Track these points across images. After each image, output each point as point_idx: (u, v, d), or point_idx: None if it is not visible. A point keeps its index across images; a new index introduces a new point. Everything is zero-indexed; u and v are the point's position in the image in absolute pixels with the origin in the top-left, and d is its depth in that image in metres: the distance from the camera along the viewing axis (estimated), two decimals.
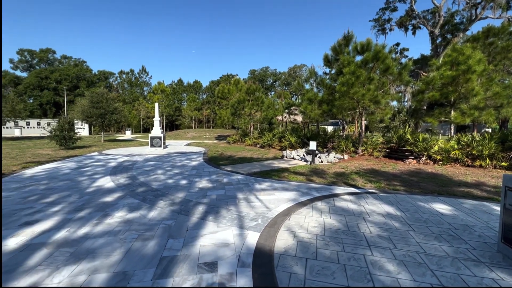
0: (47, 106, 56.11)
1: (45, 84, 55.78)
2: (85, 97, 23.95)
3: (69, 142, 15.38)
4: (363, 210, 4.49)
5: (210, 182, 6.62)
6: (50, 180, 6.58)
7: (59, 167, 8.66)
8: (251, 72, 76.37)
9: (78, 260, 2.77)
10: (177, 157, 11.90)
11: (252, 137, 20.02)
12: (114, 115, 23.19)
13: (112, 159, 10.93)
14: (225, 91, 24.02)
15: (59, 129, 15.22)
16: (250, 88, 21.56)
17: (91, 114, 22.08)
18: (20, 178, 6.87)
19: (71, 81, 57.69)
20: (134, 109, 57.34)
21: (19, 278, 2.45)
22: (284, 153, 12.20)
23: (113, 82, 69.65)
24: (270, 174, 7.73)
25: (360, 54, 11.94)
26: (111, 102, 23.44)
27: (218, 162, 10.44)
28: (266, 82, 74.69)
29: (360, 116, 12.37)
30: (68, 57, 66.03)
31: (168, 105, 58.02)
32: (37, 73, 55.92)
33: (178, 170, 8.34)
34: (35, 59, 62.08)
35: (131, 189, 5.82)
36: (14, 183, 6.26)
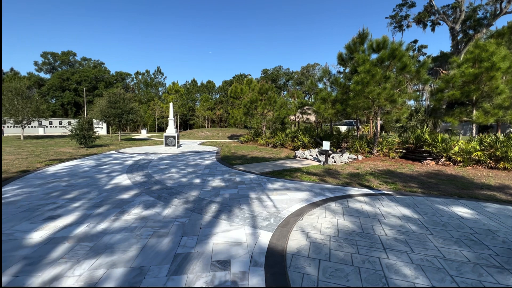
0: (68, 106, 58.55)
1: (66, 85, 58.23)
2: (103, 98, 24.81)
3: (88, 141, 15.99)
4: (378, 212, 4.38)
5: (223, 181, 6.68)
6: (71, 177, 6.87)
7: (79, 165, 9.03)
8: (264, 71, 76.33)
9: (97, 254, 2.88)
10: (190, 156, 12.10)
11: (265, 136, 20.00)
12: (131, 115, 23.84)
13: (129, 158, 11.26)
14: (237, 91, 24.14)
15: (79, 128, 15.85)
16: (263, 87, 21.53)
17: (109, 114, 22.82)
18: (44, 175, 7.22)
19: (90, 82, 59.91)
20: (149, 109, 58.77)
21: (43, 270, 2.58)
22: (297, 153, 12.10)
23: (130, 83, 71.73)
24: (282, 174, 7.69)
25: (376, 52, 11.65)
26: (127, 102, 24.12)
27: (230, 161, 10.51)
28: (279, 82, 74.39)
29: (375, 116, 12.07)
30: (87, 59, 68.65)
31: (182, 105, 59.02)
32: (59, 74, 58.49)
33: (191, 169, 8.47)
34: (57, 62, 64.97)
35: (146, 187, 5.98)
36: (38, 179, 6.59)
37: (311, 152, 11.82)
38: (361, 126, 17.53)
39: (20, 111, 22.95)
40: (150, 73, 71.90)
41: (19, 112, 22.96)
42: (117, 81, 67.71)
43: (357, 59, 11.44)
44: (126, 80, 71.37)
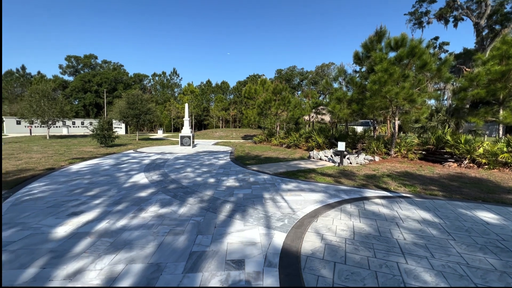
0: (89, 107, 61.16)
1: (88, 87, 60.87)
2: (122, 99, 25.69)
3: (108, 141, 16.63)
4: (396, 215, 4.25)
5: (237, 181, 6.72)
6: (93, 175, 7.17)
7: (99, 163, 9.41)
8: (278, 71, 76.09)
9: (117, 250, 2.99)
10: (205, 156, 12.28)
11: (278, 137, 19.93)
12: (148, 115, 24.54)
13: (146, 157, 11.60)
14: (251, 91, 24.22)
15: (100, 128, 16.51)
16: (277, 88, 21.47)
17: (127, 114, 23.62)
18: (67, 172, 7.58)
19: (110, 83, 62.29)
20: (165, 109, 60.17)
21: (67, 263, 2.71)
22: (311, 153, 11.96)
23: (147, 84, 73.85)
24: (296, 174, 7.63)
25: (394, 50, 11.29)
26: (145, 103, 24.86)
27: (244, 161, 10.56)
28: (293, 82, 73.88)
29: (393, 116, 11.71)
30: (107, 61, 71.41)
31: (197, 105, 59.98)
32: (82, 77, 61.25)
33: (206, 169, 8.59)
34: (80, 64, 68.07)
35: (163, 185, 6.13)
36: (62, 177, 6.93)
37: (325, 152, 11.64)
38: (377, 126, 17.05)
39: (46, 112, 24.24)
40: (166, 74, 73.63)
41: (45, 113, 24.25)
42: (135, 82, 69.95)
43: (374, 57, 11.14)
44: (144, 82, 73.55)
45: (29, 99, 24.26)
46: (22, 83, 58.06)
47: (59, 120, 26.11)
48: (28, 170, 7.91)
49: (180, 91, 71.29)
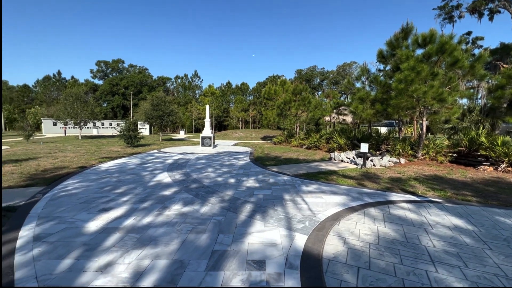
0: (117, 109, 64.52)
1: (116, 90, 64.25)
2: (147, 101, 26.86)
3: (134, 141, 17.43)
4: (425, 220, 4.03)
5: (257, 181, 6.74)
6: (120, 174, 7.55)
7: (126, 162, 9.88)
8: (298, 72, 75.34)
9: (143, 245, 3.12)
10: (225, 157, 12.45)
11: (298, 138, 19.72)
12: (171, 117, 25.40)
13: (169, 157, 12.00)
14: (271, 92, 24.20)
15: (126, 129, 17.36)
16: (297, 88, 21.26)
17: (152, 116, 24.61)
18: (98, 171, 8.05)
19: (136, 86, 65.29)
20: (187, 110, 61.91)
21: (99, 256, 2.88)
22: (332, 155, 11.70)
23: (170, 87, 76.47)
24: (317, 176, 7.51)
25: (422, 47, 10.74)
26: (168, 104, 25.76)
27: (264, 162, 10.57)
28: (313, 82, 72.78)
29: (420, 116, 11.14)
30: (133, 65, 74.97)
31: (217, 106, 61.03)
32: (110, 80, 64.80)
33: (226, 169, 8.71)
34: (108, 69, 72.09)
35: (185, 185, 6.30)
36: (93, 175, 7.37)
37: (347, 154, 11.33)
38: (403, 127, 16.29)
39: (78, 114, 25.98)
40: (188, 76, 75.77)
41: (78, 115, 25.98)
42: (159, 85, 72.71)
43: (399, 55, 10.67)
44: (167, 84, 76.23)
45: (64, 102, 26.12)
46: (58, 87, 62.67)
47: (90, 122, 27.83)
48: (63, 168, 8.51)
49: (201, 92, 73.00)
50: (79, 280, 2.45)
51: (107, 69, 72.32)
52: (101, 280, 2.45)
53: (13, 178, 6.72)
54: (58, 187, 5.90)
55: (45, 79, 63.84)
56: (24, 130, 20.53)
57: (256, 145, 20.24)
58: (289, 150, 15.83)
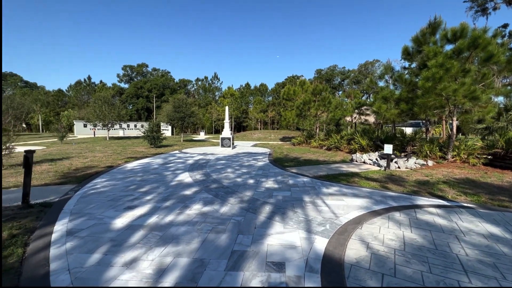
0: (141, 111, 67.37)
1: (140, 93, 67.15)
2: (169, 103, 27.78)
3: (157, 141, 18.09)
4: (456, 227, 3.78)
5: (276, 183, 6.72)
6: (144, 173, 7.87)
7: (150, 163, 10.28)
8: (317, 71, 74.15)
9: (166, 243, 3.22)
10: (244, 157, 12.53)
11: (318, 138, 19.39)
12: (192, 118, 26.10)
13: (190, 157, 12.31)
14: (290, 93, 24.03)
15: (150, 131, 18.07)
16: (316, 88, 20.93)
17: (174, 118, 25.44)
18: (123, 170, 8.45)
19: (159, 89, 67.81)
20: (207, 112, 63.16)
21: (125, 251, 3.01)
22: (354, 156, 11.36)
23: (191, 89, 78.50)
24: (338, 178, 7.33)
25: (451, 42, 10.11)
26: (189, 106, 26.49)
27: (283, 163, 10.52)
28: (334, 82, 71.25)
29: (450, 116, 10.48)
30: (157, 69, 77.95)
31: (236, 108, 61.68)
32: (135, 84, 67.89)
33: (245, 170, 8.77)
34: (133, 73, 75.57)
35: (205, 185, 6.43)
36: (119, 174, 7.75)
37: (370, 156, 10.94)
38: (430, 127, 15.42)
39: (106, 116, 27.44)
40: (208, 79, 77.30)
41: (106, 117, 27.44)
42: (180, 87, 74.96)
43: (426, 52, 10.13)
44: (188, 86, 78.33)
45: (93, 105, 27.75)
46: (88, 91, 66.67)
47: (116, 123, 29.31)
48: (92, 167, 9.03)
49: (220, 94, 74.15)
50: (107, 274, 2.57)
51: (132, 73, 75.83)
52: (127, 275, 2.56)
53: (49, 176, 7.24)
54: (88, 185, 6.27)
55: (76, 84, 68.25)
56: (58, 132, 22.05)
57: (275, 146, 20.19)
58: (309, 151, 15.63)
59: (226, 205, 4.78)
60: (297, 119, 23.23)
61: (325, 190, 5.95)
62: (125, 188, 5.95)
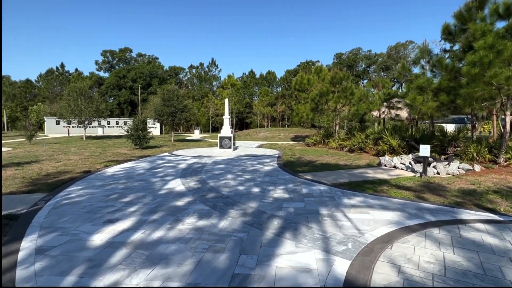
0: (124, 105, 68.26)
1: (123, 83, 68.02)
2: (157, 95, 28.05)
3: (142, 142, 18.29)
4: (510, 247, 3.72)
5: (286, 191, 6.73)
6: (127, 180, 7.96)
7: (134, 167, 10.39)
8: (337, 56, 73.92)
9: (153, 264, 3.25)
10: (248, 161, 12.56)
11: (338, 138, 19.33)
12: (184, 113, 26.32)
13: (182, 161, 12.39)
14: (303, 82, 23.98)
15: (134, 129, 18.28)
16: (336, 76, 20.86)
17: (163, 113, 25.68)
18: (103, 176, 8.56)
19: (145, 79, 68.58)
20: (203, 106, 63.53)
21: (105, 274, 3.05)
22: (382, 159, 11.30)
23: (183, 78, 79.20)
24: (362, 186, 7.31)
25: (504, 18, 9.98)
26: (181, 99, 26.72)
27: (295, 168, 10.52)
28: (357, 68, 70.96)
29: (502, 109, 10.32)
30: (142, 54, 78.84)
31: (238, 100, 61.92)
32: (116, 72, 68.83)
33: (249, 176, 8.79)
34: (115, 59, 76.57)
35: (201, 194, 6.47)
36: (98, 180, 7.85)
37: (402, 159, 10.86)
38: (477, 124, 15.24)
39: (83, 111, 27.87)
40: (204, 66, 77.83)
41: (82, 112, 27.88)
42: (170, 76, 75.67)
43: (472, 30, 10.01)
44: (180, 75, 79.05)
45: (67, 98, 28.19)
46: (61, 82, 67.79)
47: (94, 120, 29.73)
48: (66, 172, 9.17)
49: (219, 84, 74.56)
50: None
51: (114, 60, 76.83)
52: None
53: (15, 183, 7.38)
54: (61, 194, 6.37)
55: (48, 73, 69.40)
56: (26, 130, 22.46)
57: (285, 147, 20.18)
58: (326, 153, 15.61)
59: (226, 218, 4.80)
60: (312, 114, 23.17)
61: (346, 201, 5.93)
62: (105, 198, 6.03)
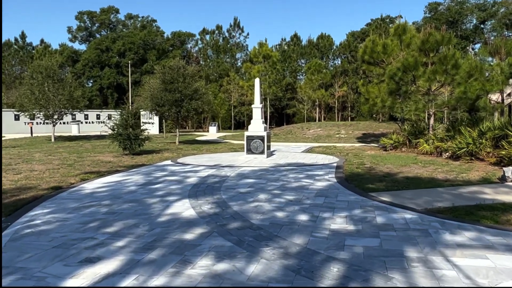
0: (108, 91, 71.40)
1: (106, 59, 71.19)
2: (155, 75, 28.75)
3: (134, 144, 18.93)
4: None
5: (351, 221, 6.62)
6: (113, 200, 8.29)
7: (123, 182, 10.81)
8: (431, 8, 71.54)
9: None
10: (290, 173, 12.55)
11: (433, 137, 18.74)
12: (194, 102, 26.50)
13: (191, 173, 12.65)
14: (376, 50, 23.54)
15: (122, 125, 18.99)
16: (429, 40, 20.19)
17: (163, 101, 26.09)
18: (79, 194, 9.00)
19: (137, 51, 71.14)
20: (221, 90, 64.40)
21: None
22: (508, 172, 10.80)
23: (192, 49, 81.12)
24: (475, 214, 7.06)
25: None
26: (189, 80, 27.09)
27: (364, 184, 10.39)
28: (463, 25, 68.12)
29: None
30: (133, 16, 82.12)
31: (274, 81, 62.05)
32: (97, 43, 72.15)
33: (292, 196, 8.77)
34: (95, 24, 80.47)
35: (219, 222, 6.54)
36: (72, 201, 8.26)
37: None
38: None
39: (51, 100, 29.35)
40: (222, 30, 79.14)
41: (50, 102, 29.37)
42: (174, 47, 77.90)
43: None
44: (187, 45, 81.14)
45: (30, 82, 29.81)
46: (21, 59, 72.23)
47: (67, 113, 31.28)
48: (29, 188, 9.74)
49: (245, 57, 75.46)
50: None
51: (93, 26, 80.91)
52: None
53: None
54: (22, 220, 6.75)
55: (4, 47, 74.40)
56: None
57: (348, 152, 19.90)
58: (415, 161, 15.30)
59: (257, 261, 4.80)
60: (390, 100, 22.65)
61: (448, 237, 5.73)
62: (82, 226, 6.30)
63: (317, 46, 74.62)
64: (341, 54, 72.82)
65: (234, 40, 78.81)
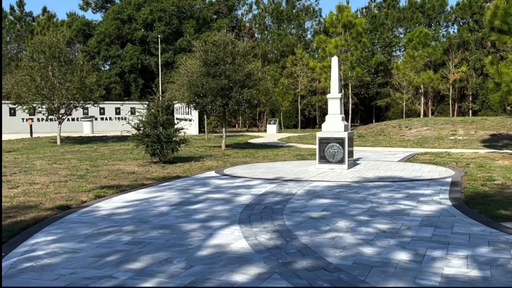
0: (130, 76, 73.45)
1: (128, 32, 73.25)
2: (193, 54, 29.01)
3: (166, 149, 19.25)
4: None
5: (475, 263, 6.37)
6: (138, 226, 8.52)
7: (151, 200, 11.09)
8: None
9: None
10: (382, 191, 12.35)
11: None
12: (246, 90, 26.54)
13: (243, 188, 12.75)
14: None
15: (150, 123, 19.41)
16: None
17: (205, 90, 26.30)
18: (93, 217, 9.33)
19: (169, 22, 72.53)
20: (284, 74, 64.33)
21: None
22: None
23: (244, 17, 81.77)
24: None
25: None
26: (240, 61, 27.04)
27: (493, 210, 10.03)
28: None
29: None
30: None
31: (359, 60, 61.00)
32: (116, 12, 74.34)
33: (386, 225, 8.64)
34: None
35: (281, 259, 6.50)
36: (84, 226, 8.58)
37: None
38: None
39: (56, 89, 30.26)
40: None
41: (55, 92, 30.25)
42: (219, 15, 78.85)
43: None
44: (238, 12, 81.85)
45: (30, 65, 30.81)
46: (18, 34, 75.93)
47: (77, 106, 32.37)
48: (28, 208, 10.17)
49: (317, 27, 75.00)
50: None
51: None
52: None
53: None
54: (20, 250, 7.05)
55: None
56: None
57: (468, 161, 19.36)
58: None
59: None
60: None
61: None
62: (98, 261, 6.50)
63: (422, 8, 72.78)
64: (458, 18, 70.61)
65: (301, 3, 78.67)
